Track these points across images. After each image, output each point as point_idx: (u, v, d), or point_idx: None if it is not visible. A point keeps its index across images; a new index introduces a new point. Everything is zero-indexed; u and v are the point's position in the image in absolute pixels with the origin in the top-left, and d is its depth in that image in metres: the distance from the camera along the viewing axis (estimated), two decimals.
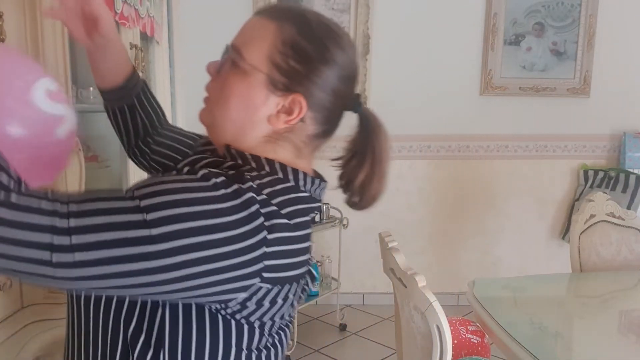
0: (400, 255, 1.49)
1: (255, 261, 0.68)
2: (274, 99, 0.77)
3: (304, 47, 0.76)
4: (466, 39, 3.39)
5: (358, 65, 0.84)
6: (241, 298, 0.70)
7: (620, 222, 2.32)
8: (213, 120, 0.80)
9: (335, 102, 0.80)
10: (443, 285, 3.51)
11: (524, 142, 3.51)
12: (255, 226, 0.68)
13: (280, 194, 0.74)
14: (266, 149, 0.79)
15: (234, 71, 0.77)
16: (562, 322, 1.84)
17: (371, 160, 0.83)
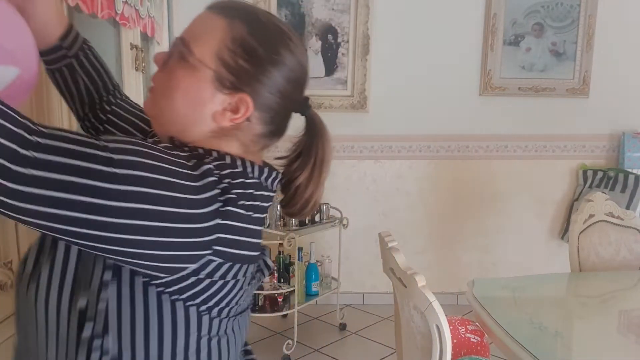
0: (400, 255, 1.49)
1: (209, 231, 0.69)
2: (220, 96, 0.76)
3: (254, 46, 0.76)
4: (466, 39, 3.40)
5: (307, 68, 0.83)
6: (190, 269, 0.70)
7: (619, 222, 2.32)
8: (158, 112, 0.80)
9: (282, 104, 0.80)
10: (443, 285, 3.52)
11: (524, 142, 3.51)
12: (211, 195, 0.69)
13: (230, 176, 0.74)
14: (212, 144, 0.78)
15: (182, 65, 0.77)
16: (561, 321, 1.84)
17: (313, 163, 0.84)
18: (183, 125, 0.78)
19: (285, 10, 3.30)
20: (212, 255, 0.71)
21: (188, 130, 0.78)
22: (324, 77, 3.38)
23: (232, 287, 0.76)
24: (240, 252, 0.75)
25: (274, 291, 2.91)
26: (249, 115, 0.77)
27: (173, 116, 0.78)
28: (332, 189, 3.47)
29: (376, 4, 3.31)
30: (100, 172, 0.61)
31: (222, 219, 0.70)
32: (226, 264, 0.73)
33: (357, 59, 3.35)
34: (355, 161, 3.49)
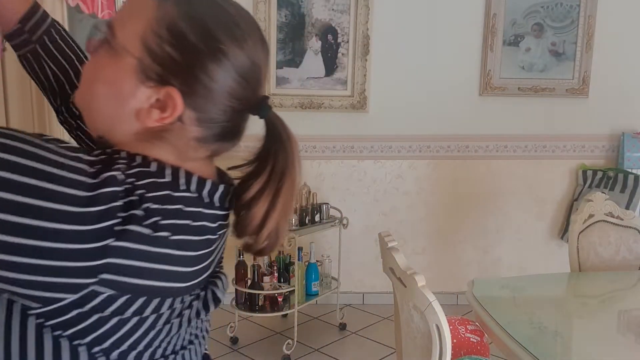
0: (400, 255, 1.50)
1: (95, 255, 0.55)
2: (144, 90, 0.64)
3: (184, 32, 0.63)
4: (465, 39, 3.40)
5: (261, 64, 0.69)
6: (68, 301, 0.56)
7: (619, 222, 2.32)
8: (84, 105, 0.69)
9: (228, 104, 0.66)
10: (442, 285, 3.52)
11: (523, 142, 3.52)
12: (105, 209, 0.55)
13: (149, 188, 0.61)
14: (138, 148, 0.66)
15: (107, 51, 0.65)
16: (561, 321, 1.84)
17: (269, 173, 0.69)
18: (108, 123, 0.67)
19: (285, 11, 3.31)
20: (98, 285, 0.56)
21: (114, 130, 0.67)
22: (324, 77, 3.39)
23: (137, 326, 0.62)
24: (145, 282, 0.60)
25: (274, 291, 2.92)
26: (179, 115, 0.64)
27: (97, 111, 0.67)
28: (332, 189, 3.47)
29: (376, 4, 3.32)
30: None
31: (118, 239, 0.56)
32: (122, 297, 0.59)
33: (357, 59, 3.35)
34: (355, 161, 3.49)
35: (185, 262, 0.64)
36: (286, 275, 3.01)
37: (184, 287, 0.65)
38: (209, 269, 0.71)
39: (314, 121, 3.40)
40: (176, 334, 0.68)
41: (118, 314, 0.60)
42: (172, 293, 0.65)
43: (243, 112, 0.69)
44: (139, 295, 0.61)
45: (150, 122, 0.64)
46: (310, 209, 3.03)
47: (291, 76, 3.37)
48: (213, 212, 0.68)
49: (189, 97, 0.64)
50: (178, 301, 0.66)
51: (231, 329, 3.04)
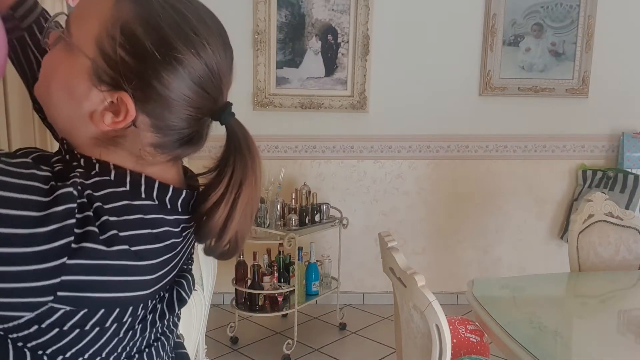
0: (400, 255, 1.50)
1: (50, 274, 0.54)
2: (96, 93, 0.62)
3: (138, 36, 0.60)
4: (465, 39, 3.40)
5: (224, 69, 0.67)
6: (25, 319, 0.56)
7: (618, 222, 2.33)
8: (41, 97, 0.68)
9: (184, 111, 0.64)
10: (442, 285, 3.52)
11: (523, 142, 3.52)
12: (58, 228, 0.54)
13: (106, 199, 0.59)
14: (95, 154, 0.65)
15: (64, 48, 0.63)
16: (560, 321, 1.84)
17: (227, 182, 0.67)
18: (66, 123, 0.65)
19: (285, 11, 3.31)
20: (55, 303, 0.55)
21: (72, 132, 0.65)
22: (324, 77, 3.39)
23: (99, 336, 0.62)
24: (104, 295, 0.59)
25: (274, 291, 2.92)
26: (132, 120, 0.62)
27: (54, 107, 0.66)
28: (332, 189, 3.47)
29: (376, 4, 3.32)
30: None
31: (72, 257, 0.54)
32: (80, 312, 0.58)
33: (357, 59, 3.36)
34: (355, 161, 3.49)
35: (146, 270, 0.63)
36: (286, 275, 3.01)
37: (145, 294, 0.64)
38: (173, 271, 0.70)
39: (314, 121, 3.40)
40: (140, 336, 0.68)
41: (78, 326, 0.59)
42: (133, 302, 0.63)
43: (202, 119, 0.68)
44: (98, 308, 0.60)
45: (104, 125, 0.63)
46: (310, 209, 3.03)
47: (291, 76, 3.37)
48: (176, 217, 0.67)
49: (143, 103, 0.62)
50: (140, 307, 0.66)
51: (231, 329, 3.04)
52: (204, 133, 0.69)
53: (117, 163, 0.65)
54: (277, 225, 2.95)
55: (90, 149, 0.65)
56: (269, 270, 2.95)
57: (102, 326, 0.61)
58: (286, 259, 3.05)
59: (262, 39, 3.28)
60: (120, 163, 0.65)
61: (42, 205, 0.53)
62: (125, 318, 0.64)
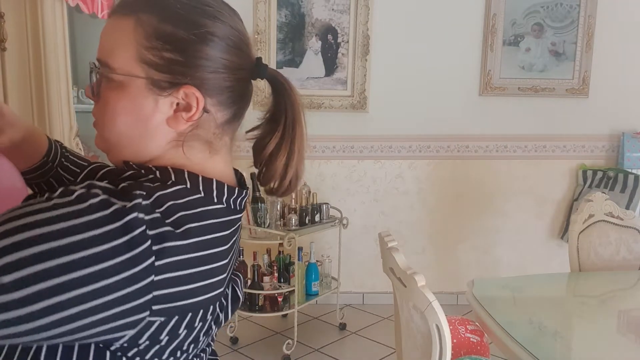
0: (400, 255, 1.50)
1: (141, 293, 0.58)
2: (163, 101, 0.67)
3: (172, 32, 0.66)
4: (465, 39, 3.40)
5: (242, 28, 0.73)
6: (129, 336, 0.60)
7: (619, 222, 2.33)
8: (107, 145, 0.71)
9: (233, 77, 0.70)
10: (442, 285, 3.52)
11: (523, 142, 3.52)
12: (137, 253, 0.57)
13: (184, 208, 0.64)
14: (176, 155, 0.70)
15: (110, 86, 0.68)
16: (561, 321, 1.84)
17: (283, 125, 0.74)
18: (136, 147, 0.69)
19: (285, 11, 3.31)
20: (151, 317, 0.60)
21: (143, 150, 0.70)
22: (324, 77, 3.39)
23: (189, 336, 0.68)
24: (190, 301, 0.64)
25: (274, 291, 2.92)
26: (204, 106, 0.68)
27: (123, 143, 0.69)
28: (332, 189, 3.47)
29: (376, 4, 3.32)
30: None
31: (157, 274, 0.59)
32: (173, 320, 0.63)
33: (357, 59, 3.35)
34: (355, 161, 3.49)
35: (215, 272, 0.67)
36: (286, 275, 3.01)
37: (213, 296, 0.69)
38: (232, 269, 0.75)
39: (313, 121, 3.35)
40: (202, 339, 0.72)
41: (170, 333, 0.64)
42: (209, 303, 0.68)
43: (247, 80, 0.74)
44: (187, 314, 0.65)
45: (182, 125, 0.68)
46: (310, 209, 3.03)
47: (291, 76, 3.36)
48: (232, 217, 0.72)
49: (202, 86, 0.68)
50: (217, 305, 0.71)
51: (231, 329, 3.04)
52: (247, 99, 0.75)
53: (194, 158, 0.70)
54: (277, 225, 2.95)
55: (169, 154, 0.70)
56: (269, 270, 2.95)
57: (190, 327, 0.67)
58: (286, 259, 3.05)
59: (262, 39, 3.28)
60: (195, 157, 0.70)
61: (114, 234, 0.56)
62: (208, 315, 0.69)
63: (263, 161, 0.75)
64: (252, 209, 2.87)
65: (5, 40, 1.74)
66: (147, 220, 0.58)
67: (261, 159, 0.75)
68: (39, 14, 1.79)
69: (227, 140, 0.74)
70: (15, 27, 1.78)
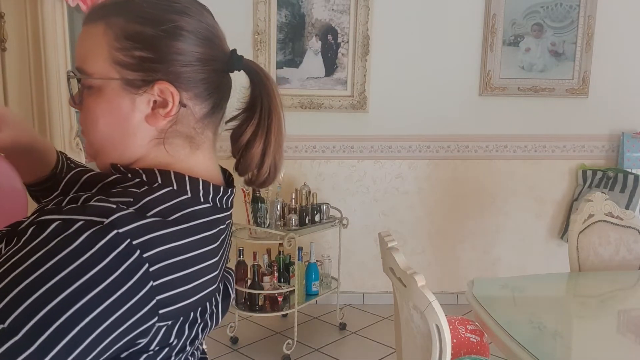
0: (400, 255, 1.50)
1: (145, 301, 0.59)
2: (140, 99, 0.68)
3: (140, 31, 0.67)
4: (465, 39, 3.40)
5: (212, 22, 0.73)
6: (143, 343, 0.62)
7: (618, 222, 2.33)
8: (94, 151, 0.73)
9: (206, 68, 0.71)
10: (442, 285, 3.52)
11: (523, 143, 3.52)
12: (129, 264, 0.58)
13: (172, 211, 0.65)
14: (159, 154, 0.71)
15: (90, 93, 0.69)
16: (561, 321, 1.84)
17: (259, 114, 0.75)
18: (120, 149, 0.71)
19: (285, 11, 3.31)
20: (159, 322, 0.62)
21: (127, 151, 0.71)
22: (324, 77, 3.39)
23: (191, 335, 0.70)
24: (188, 301, 0.66)
25: (274, 291, 2.92)
26: (180, 100, 0.69)
27: (107, 146, 0.71)
28: (332, 189, 3.47)
29: (376, 4, 3.32)
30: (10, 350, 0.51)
31: (155, 279, 0.60)
32: (178, 322, 0.66)
33: (357, 59, 3.36)
34: (355, 161, 3.49)
35: (208, 270, 0.69)
36: (286, 275, 3.01)
37: (208, 293, 0.70)
38: (224, 267, 0.77)
39: (313, 121, 3.40)
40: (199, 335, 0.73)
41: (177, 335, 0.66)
42: (201, 303, 0.69)
43: (223, 72, 0.74)
44: (188, 313, 0.67)
45: (161, 120, 0.69)
46: (310, 209, 3.03)
47: (291, 76, 3.37)
48: (221, 216, 0.73)
49: (176, 81, 0.68)
50: (209, 303, 0.72)
51: (231, 329, 3.04)
52: (226, 91, 0.76)
53: (177, 155, 0.71)
54: (277, 225, 2.95)
55: (152, 153, 0.71)
56: (269, 270, 2.95)
57: (193, 326, 0.69)
58: (286, 259, 3.05)
59: (262, 39, 3.28)
60: (178, 154, 0.71)
61: (99, 255, 0.56)
62: (207, 313, 0.71)
63: (240, 150, 0.76)
64: (252, 209, 2.87)
65: (5, 40, 1.74)
66: (132, 228, 0.59)
67: (238, 148, 0.76)
68: (39, 14, 1.79)
69: (209, 135, 0.75)
70: (15, 27, 1.78)
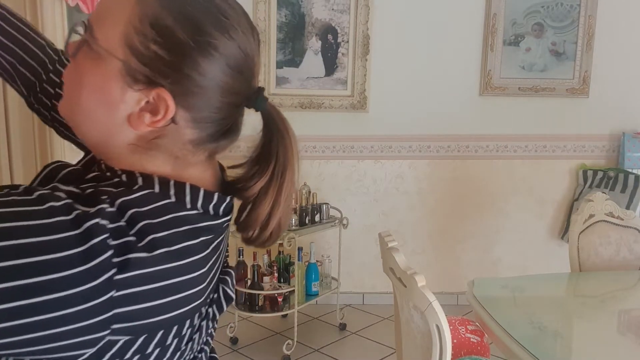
0: (400, 255, 1.49)
1: (99, 310, 0.52)
2: (132, 94, 0.59)
3: (170, 27, 0.58)
4: (466, 39, 3.40)
5: (252, 53, 0.64)
6: (88, 354, 0.54)
7: (619, 222, 2.32)
8: (70, 114, 0.64)
9: (222, 99, 0.62)
10: (442, 285, 3.52)
11: (523, 142, 3.52)
12: (95, 264, 0.51)
13: (149, 215, 0.57)
14: (134, 161, 0.62)
15: (89, 55, 0.60)
16: (561, 321, 1.84)
17: (273, 168, 0.66)
18: (100, 135, 0.62)
19: (285, 11, 3.31)
20: (112, 335, 0.54)
21: (108, 144, 0.62)
22: (324, 77, 3.38)
23: (161, 354, 0.61)
24: (159, 318, 0.57)
25: (274, 291, 2.92)
26: (172, 116, 0.60)
27: (86, 122, 0.62)
28: (332, 189, 3.47)
29: (376, 4, 3.32)
30: None
31: (119, 289, 0.53)
32: (140, 338, 0.57)
33: (357, 59, 3.35)
34: (355, 161, 3.49)
35: (197, 281, 0.62)
36: (286, 275, 3.01)
37: (199, 303, 0.63)
38: (219, 271, 0.70)
39: (314, 121, 3.40)
40: (196, 345, 0.68)
41: (139, 352, 0.58)
42: (190, 314, 0.62)
43: (239, 107, 0.65)
44: (157, 331, 0.59)
45: (143, 127, 0.60)
46: (310, 209, 3.03)
47: (291, 76, 3.37)
48: (213, 222, 0.64)
49: (181, 96, 0.59)
50: (197, 317, 0.65)
51: (231, 329, 3.04)
52: (239, 123, 0.67)
53: (156, 168, 0.62)
54: None
55: (129, 159, 0.62)
56: (269, 270, 2.95)
57: (163, 345, 0.60)
58: (286, 259, 3.05)
59: (262, 39, 3.28)
60: (159, 167, 0.63)
61: (72, 241, 0.51)
62: (184, 331, 0.63)
63: (246, 204, 0.67)
64: None
65: None
66: (111, 228, 0.53)
67: (244, 202, 0.67)
68: (38, 14, 1.79)
69: (205, 155, 0.66)
70: None
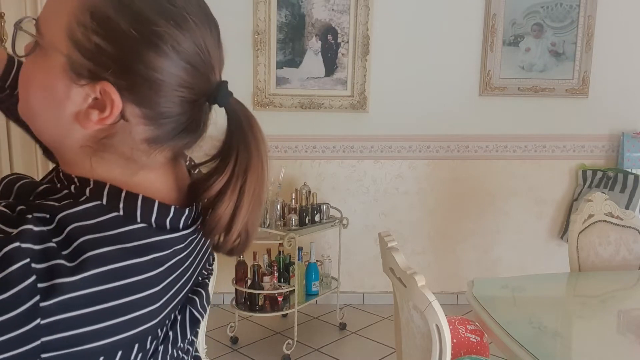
0: (400, 255, 1.50)
1: (24, 340, 0.49)
2: (77, 90, 0.56)
3: (111, 17, 0.54)
4: (465, 39, 3.40)
5: (210, 43, 0.59)
6: None
7: (618, 222, 2.33)
8: (25, 114, 0.61)
9: (175, 94, 0.57)
10: (442, 285, 3.52)
11: (523, 143, 3.52)
12: (15, 292, 0.48)
13: (91, 230, 0.53)
14: (86, 165, 0.59)
15: (38, 52, 0.57)
16: (560, 321, 1.84)
17: (232, 168, 0.61)
18: (55, 136, 0.60)
19: (285, 11, 3.31)
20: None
21: (64, 145, 0.59)
22: (324, 77, 3.39)
23: None
24: (99, 343, 0.53)
25: (274, 291, 2.92)
26: (121, 112, 0.56)
27: (38, 122, 0.60)
28: (332, 189, 3.47)
29: (376, 4, 3.32)
30: None
31: (45, 316, 0.49)
32: None
33: (357, 59, 3.35)
34: (355, 161, 3.49)
35: (151, 300, 0.57)
36: (286, 275, 3.01)
37: (151, 326, 0.58)
38: (184, 289, 0.64)
39: (314, 121, 3.40)
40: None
41: None
42: (137, 339, 0.57)
43: (198, 103, 0.60)
44: (97, 356, 0.54)
45: (92, 125, 0.56)
46: (310, 209, 3.03)
47: (291, 76, 3.37)
48: (163, 238, 0.59)
49: (128, 90, 0.56)
50: (149, 341, 0.60)
51: (231, 329, 3.04)
52: (202, 120, 0.62)
53: (106, 172, 0.59)
54: (277, 225, 2.95)
55: (84, 163, 0.59)
56: (269, 270, 2.95)
57: None
58: (286, 259, 3.05)
59: (262, 39, 3.28)
60: (109, 171, 0.59)
61: None
62: (132, 357, 0.58)
63: (207, 205, 0.62)
64: None
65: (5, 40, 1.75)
66: (37, 250, 0.49)
67: (204, 203, 0.63)
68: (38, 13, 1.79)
69: (164, 156, 0.62)
70: None
